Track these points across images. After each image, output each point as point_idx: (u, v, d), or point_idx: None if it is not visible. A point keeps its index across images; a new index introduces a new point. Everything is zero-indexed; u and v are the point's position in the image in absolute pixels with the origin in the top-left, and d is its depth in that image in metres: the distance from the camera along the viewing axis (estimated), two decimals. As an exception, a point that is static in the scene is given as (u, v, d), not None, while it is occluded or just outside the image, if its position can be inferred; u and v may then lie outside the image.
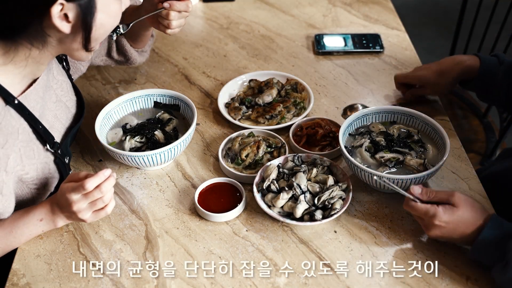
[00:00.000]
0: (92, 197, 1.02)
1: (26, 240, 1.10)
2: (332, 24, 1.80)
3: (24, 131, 1.05)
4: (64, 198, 1.02)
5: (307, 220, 1.11)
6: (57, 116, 1.17)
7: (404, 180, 1.11)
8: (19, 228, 1.07)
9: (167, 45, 1.74)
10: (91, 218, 1.06)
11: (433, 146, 1.22)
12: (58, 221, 1.08)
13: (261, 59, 1.66)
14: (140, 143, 1.27)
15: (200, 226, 1.15)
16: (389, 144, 1.21)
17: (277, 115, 1.38)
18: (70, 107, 1.22)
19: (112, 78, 1.60)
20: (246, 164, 1.25)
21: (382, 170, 1.16)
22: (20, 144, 1.04)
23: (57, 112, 1.17)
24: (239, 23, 1.84)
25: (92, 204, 1.03)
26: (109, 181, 1.02)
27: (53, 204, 1.07)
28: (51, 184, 1.16)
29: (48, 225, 1.08)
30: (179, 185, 1.25)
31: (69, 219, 1.08)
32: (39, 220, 1.07)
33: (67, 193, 1.02)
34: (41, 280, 1.06)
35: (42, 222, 1.07)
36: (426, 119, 1.23)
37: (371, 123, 1.28)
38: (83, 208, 1.03)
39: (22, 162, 1.06)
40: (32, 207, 1.08)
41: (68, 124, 1.21)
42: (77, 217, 1.04)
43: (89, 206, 1.03)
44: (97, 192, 1.01)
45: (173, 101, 1.37)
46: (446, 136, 1.17)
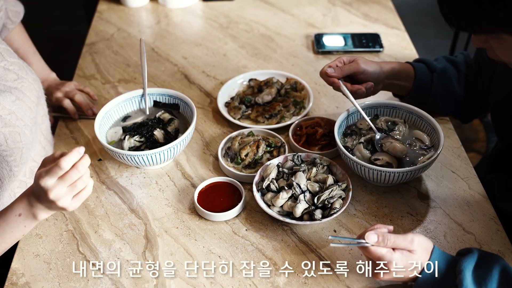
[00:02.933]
0: (69, 179, 0.92)
1: (12, 240, 1.01)
2: (332, 24, 1.80)
3: None
4: (39, 186, 0.92)
5: (307, 220, 1.11)
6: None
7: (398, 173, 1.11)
8: (0, 227, 0.99)
9: (166, 45, 1.73)
10: (73, 204, 0.95)
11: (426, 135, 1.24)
12: (38, 213, 0.98)
13: (260, 59, 1.66)
14: (139, 142, 1.27)
15: (200, 225, 1.15)
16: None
17: (277, 114, 1.38)
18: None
19: (112, 77, 1.60)
20: (245, 164, 1.25)
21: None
22: None
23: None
24: (239, 22, 1.84)
25: (72, 187, 0.93)
26: (85, 159, 0.93)
27: (30, 195, 0.97)
28: (12, 138, 1.10)
29: (28, 219, 0.98)
30: (178, 184, 1.25)
31: (49, 209, 0.98)
32: (18, 216, 0.98)
33: (40, 179, 0.92)
34: (41, 279, 1.06)
35: (21, 217, 0.98)
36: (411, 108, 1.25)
37: (357, 121, 1.28)
38: (62, 194, 0.93)
39: None
40: (10, 204, 1.01)
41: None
42: (56, 206, 0.94)
43: (68, 190, 0.93)
44: (74, 172, 0.92)
45: (173, 101, 1.37)
46: (436, 124, 1.19)
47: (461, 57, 1.35)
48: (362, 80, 1.25)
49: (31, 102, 1.21)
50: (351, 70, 1.23)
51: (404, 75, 1.30)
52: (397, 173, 1.12)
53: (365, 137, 1.23)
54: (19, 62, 1.25)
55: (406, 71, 1.30)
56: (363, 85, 1.24)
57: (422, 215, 1.15)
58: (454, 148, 1.31)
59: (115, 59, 1.68)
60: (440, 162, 1.27)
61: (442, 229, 1.12)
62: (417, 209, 1.17)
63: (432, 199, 1.18)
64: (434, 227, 1.13)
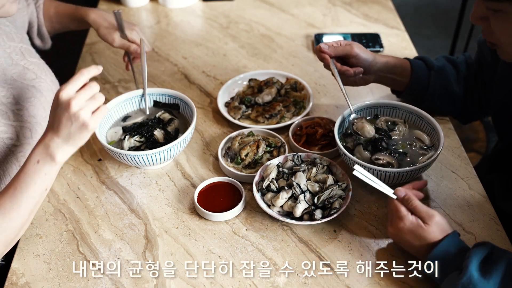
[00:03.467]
0: (89, 90, 0.96)
1: (36, 194, 1.00)
2: (332, 24, 1.80)
3: None
4: (60, 100, 0.95)
5: (307, 220, 1.11)
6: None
7: (398, 173, 1.11)
8: (21, 181, 0.98)
9: (166, 45, 1.73)
10: (92, 121, 0.97)
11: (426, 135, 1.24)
12: (55, 153, 0.98)
13: (260, 58, 1.66)
14: (139, 142, 1.27)
15: (200, 225, 1.15)
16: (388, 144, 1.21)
17: (277, 114, 1.38)
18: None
19: (112, 77, 1.60)
20: (245, 164, 1.25)
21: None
22: None
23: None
24: (239, 22, 1.84)
25: (92, 100, 0.97)
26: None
27: (45, 137, 0.98)
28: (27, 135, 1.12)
29: (47, 163, 0.98)
30: (178, 184, 1.25)
31: (68, 141, 0.98)
32: (36, 163, 0.98)
33: (61, 92, 0.95)
34: (41, 279, 1.06)
35: (39, 163, 0.98)
36: (411, 108, 1.25)
37: (354, 123, 1.28)
38: (83, 104, 0.95)
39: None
40: (28, 156, 1.01)
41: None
42: (78, 121, 0.95)
43: (89, 103, 0.96)
44: (94, 83, 0.97)
45: (173, 101, 1.36)
46: (436, 124, 1.19)
47: (462, 57, 1.35)
48: (353, 64, 1.26)
49: (46, 102, 1.24)
50: (344, 52, 1.25)
51: (400, 70, 1.30)
52: (397, 173, 1.12)
53: (365, 138, 1.23)
54: (40, 62, 1.30)
55: (403, 66, 1.31)
56: (352, 69, 1.25)
57: (422, 215, 1.15)
58: (454, 148, 1.31)
59: (115, 59, 1.68)
60: (440, 162, 1.27)
61: (442, 229, 1.12)
62: (417, 209, 1.16)
63: (432, 199, 1.18)
64: (434, 227, 1.12)
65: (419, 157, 1.19)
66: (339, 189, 1.14)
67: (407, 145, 1.22)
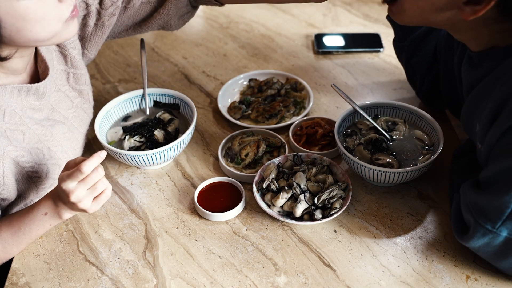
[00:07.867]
0: (90, 181, 0.97)
1: (37, 236, 1.08)
2: (332, 24, 1.80)
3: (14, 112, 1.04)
4: (61, 189, 0.98)
5: (307, 220, 1.11)
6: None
7: (398, 173, 1.11)
8: (26, 225, 1.05)
9: (166, 45, 1.73)
10: (93, 206, 1.01)
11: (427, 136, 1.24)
12: (62, 213, 1.04)
13: (260, 59, 1.66)
14: (139, 143, 1.27)
15: (200, 225, 1.15)
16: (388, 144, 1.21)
17: (277, 114, 1.38)
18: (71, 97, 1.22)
19: (112, 77, 1.60)
20: (245, 164, 1.25)
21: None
22: (6, 125, 1.02)
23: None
24: (239, 22, 1.84)
25: (92, 189, 0.98)
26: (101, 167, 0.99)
27: (54, 196, 1.03)
28: (52, 171, 1.13)
29: (53, 218, 1.05)
30: (178, 184, 1.25)
31: (72, 210, 1.03)
32: (44, 214, 1.04)
33: (62, 182, 0.97)
34: (41, 279, 1.06)
35: (47, 216, 1.04)
36: (411, 108, 1.25)
37: (357, 121, 1.28)
38: (82, 196, 0.98)
39: (11, 144, 1.03)
40: (36, 202, 1.06)
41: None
42: (77, 207, 0.99)
43: (89, 193, 0.98)
44: (95, 174, 0.97)
45: (173, 101, 1.37)
46: (436, 124, 1.20)
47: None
48: None
49: (79, 134, 1.23)
50: None
51: None
52: (397, 173, 1.12)
53: (365, 137, 1.23)
54: (85, 88, 1.25)
55: None
56: None
57: (422, 215, 1.15)
58: (454, 148, 1.31)
59: (115, 59, 1.68)
60: (440, 162, 1.27)
61: (442, 229, 1.12)
62: (417, 209, 1.17)
63: (432, 199, 1.18)
64: (434, 227, 1.13)
65: (419, 157, 1.19)
66: (339, 189, 1.14)
67: (407, 146, 1.22)
